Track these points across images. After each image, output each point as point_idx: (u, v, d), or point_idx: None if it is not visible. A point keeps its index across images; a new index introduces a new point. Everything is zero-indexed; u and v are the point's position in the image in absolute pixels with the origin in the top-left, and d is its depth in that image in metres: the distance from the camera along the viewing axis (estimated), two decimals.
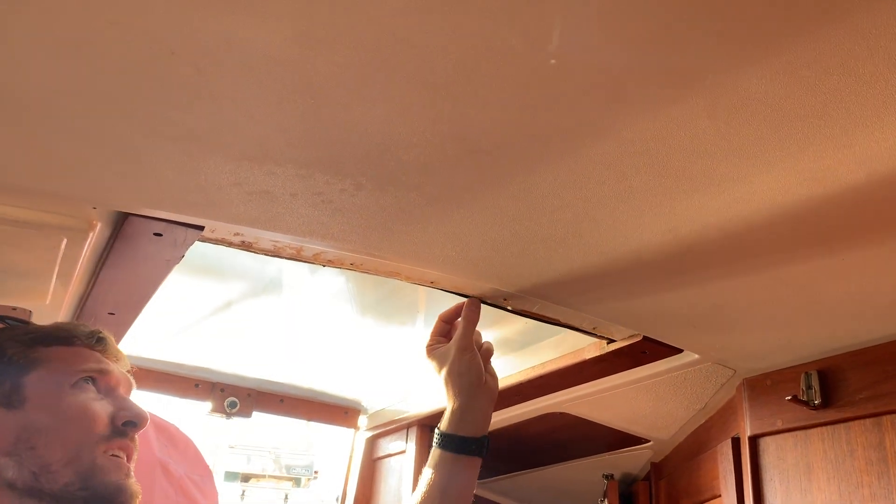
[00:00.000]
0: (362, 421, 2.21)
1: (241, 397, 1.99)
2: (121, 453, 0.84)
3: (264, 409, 2.05)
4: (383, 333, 1.61)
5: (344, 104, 0.66)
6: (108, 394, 0.87)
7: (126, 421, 0.85)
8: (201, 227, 0.93)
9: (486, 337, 1.14)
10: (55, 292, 1.12)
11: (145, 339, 1.67)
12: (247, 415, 2.01)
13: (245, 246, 0.99)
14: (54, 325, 0.93)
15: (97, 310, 1.18)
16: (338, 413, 2.16)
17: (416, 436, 2.04)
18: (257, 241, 0.98)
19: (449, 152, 0.74)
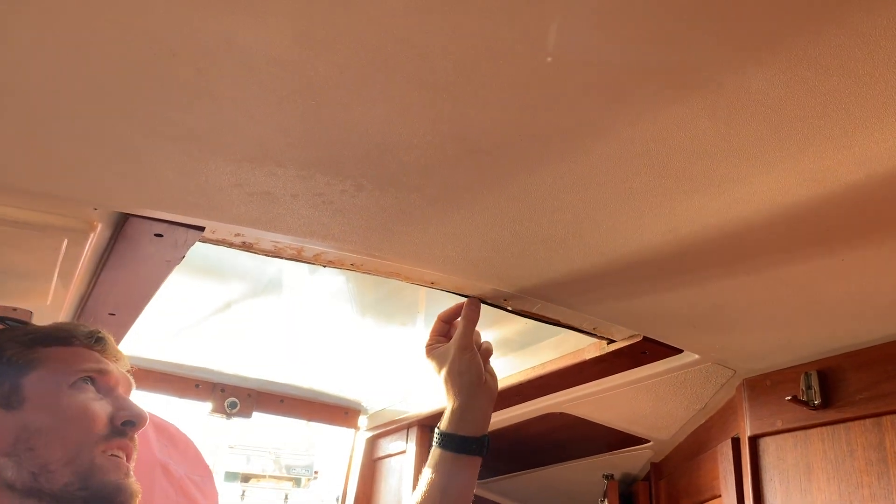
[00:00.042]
0: (362, 421, 2.21)
1: (242, 398, 1.99)
2: (120, 453, 0.84)
3: (265, 410, 2.05)
4: (383, 333, 1.61)
5: (344, 104, 0.66)
6: (108, 394, 0.87)
7: (125, 421, 0.85)
8: (202, 228, 0.93)
9: (486, 337, 1.14)
10: (56, 293, 1.12)
11: (146, 339, 1.67)
12: (247, 415, 2.00)
13: (246, 247, 0.99)
14: (53, 326, 0.93)
15: (98, 310, 1.18)
16: (338, 413, 2.16)
17: (417, 436, 2.04)
18: (258, 242, 0.98)
19: (449, 153, 0.74)
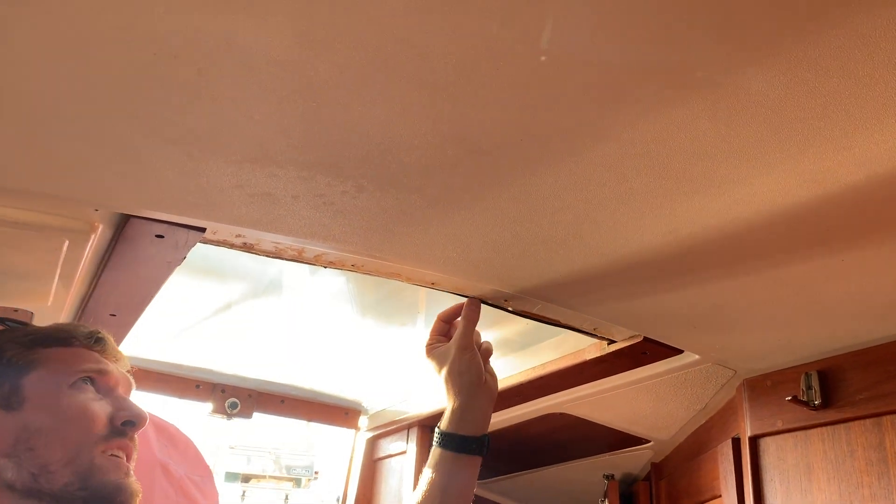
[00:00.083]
0: (363, 421, 2.21)
1: (242, 398, 1.99)
2: (120, 453, 0.84)
3: (265, 410, 2.05)
4: (384, 334, 1.61)
5: (344, 105, 0.66)
6: (107, 394, 0.87)
7: (125, 421, 0.86)
8: (203, 229, 0.93)
9: (486, 337, 1.14)
10: (57, 294, 1.13)
11: (146, 340, 1.67)
12: (248, 416, 2.00)
13: (247, 247, 0.99)
14: (53, 327, 0.93)
15: (99, 311, 1.19)
16: (338, 414, 2.16)
17: (417, 436, 2.04)
18: (259, 243, 0.98)
19: (450, 154, 0.74)
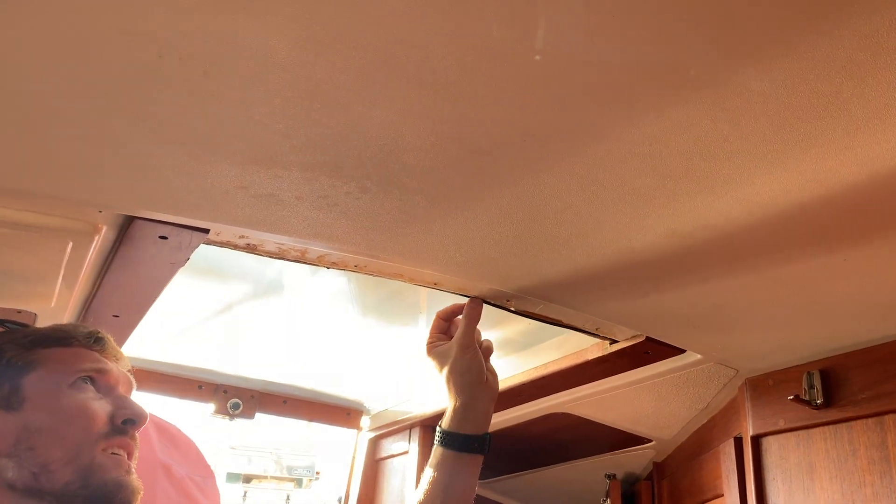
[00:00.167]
0: (365, 422, 2.22)
1: (245, 399, 2.00)
2: (121, 451, 0.85)
3: (267, 411, 2.05)
4: (385, 334, 1.62)
5: (347, 106, 0.67)
6: (108, 393, 0.88)
7: (125, 419, 0.86)
8: (206, 230, 0.93)
9: (488, 337, 1.14)
10: (60, 295, 1.13)
11: (148, 340, 1.68)
12: (250, 416, 2.01)
13: (250, 248, 0.99)
14: (53, 327, 0.93)
15: (102, 312, 1.19)
16: (340, 414, 2.17)
17: (419, 436, 2.04)
18: (262, 244, 0.98)
19: (451, 154, 0.74)
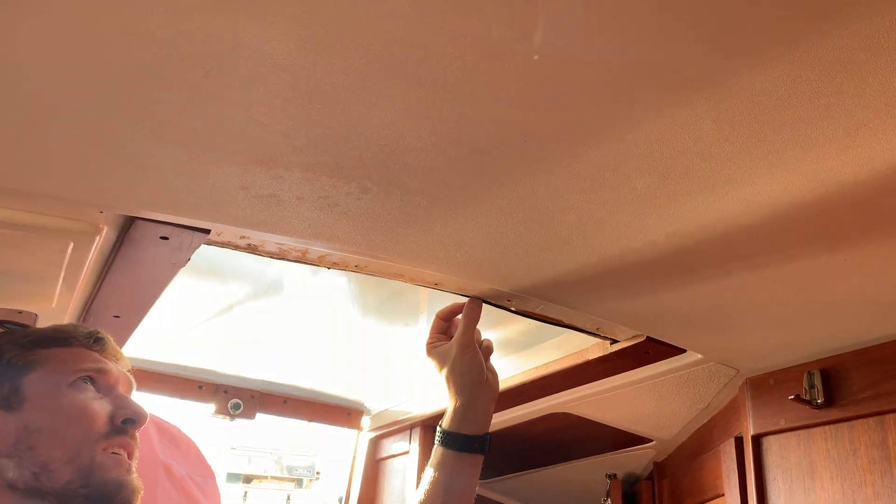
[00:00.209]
0: (365, 422, 2.22)
1: (245, 399, 2.00)
2: (121, 450, 0.85)
3: (268, 411, 2.05)
4: (386, 334, 1.62)
5: (347, 107, 0.67)
6: (108, 392, 0.88)
7: (125, 419, 0.86)
8: (207, 231, 0.93)
9: (488, 337, 1.14)
10: (61, 295, 1.13)
11: (149, 341, 1.68)
12: (250, 416, 2.01)
13: (251, 249, 0.99)
14: (53, 328, 0.94)
15: (103, 313, 1.19)
16: (341, 414, 2.17)
17: (420, 436, 2.04)
18: (263, 244, 0.98)
19: (451, 154, 0.74)
